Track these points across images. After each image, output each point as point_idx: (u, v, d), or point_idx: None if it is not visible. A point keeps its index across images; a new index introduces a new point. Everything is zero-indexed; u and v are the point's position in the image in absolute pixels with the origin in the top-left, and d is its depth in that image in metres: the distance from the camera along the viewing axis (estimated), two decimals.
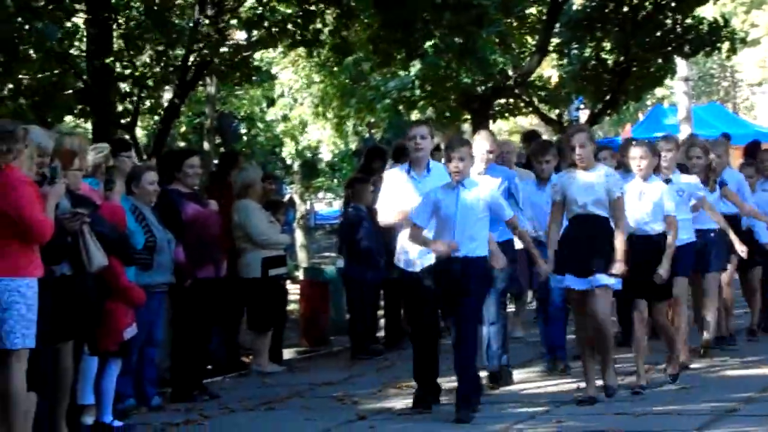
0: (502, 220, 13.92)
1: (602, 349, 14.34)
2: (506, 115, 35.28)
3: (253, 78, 26.95)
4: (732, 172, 18.27)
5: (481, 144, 15.88)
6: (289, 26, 23.71)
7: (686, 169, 16.86)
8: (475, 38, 23.82)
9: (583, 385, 14.60)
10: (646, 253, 14.61)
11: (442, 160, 14.12)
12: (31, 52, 20.53)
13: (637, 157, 14.98)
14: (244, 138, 51.25)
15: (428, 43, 24.47)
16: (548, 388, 15.81)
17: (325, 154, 48.48)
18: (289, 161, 53.21)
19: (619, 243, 13.98)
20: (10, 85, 21.62)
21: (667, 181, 15.56)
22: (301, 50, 29.88)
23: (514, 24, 31.79)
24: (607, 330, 14.23)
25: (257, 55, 26.12)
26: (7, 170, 11.51)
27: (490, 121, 32.21)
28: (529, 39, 32.66)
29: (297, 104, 43.54)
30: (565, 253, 14.18)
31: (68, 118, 27.95)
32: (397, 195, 14.50)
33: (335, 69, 34.79)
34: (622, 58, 31.99)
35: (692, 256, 16.34)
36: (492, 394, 15.34)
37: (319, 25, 23.93)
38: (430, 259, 13.99)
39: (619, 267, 13.92)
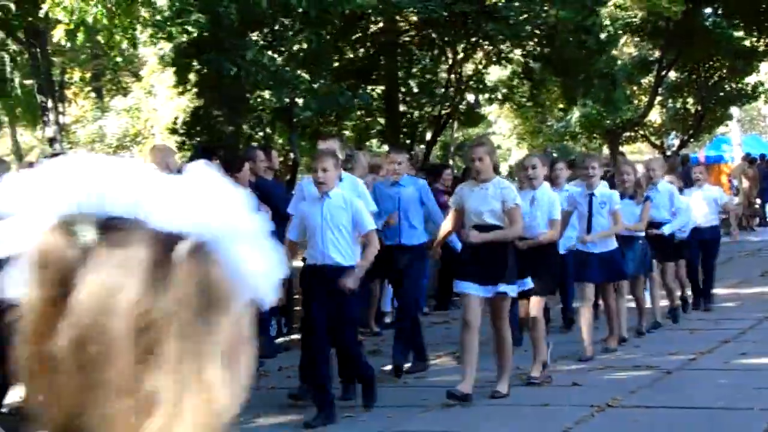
0: (360, 232, 9.10)
1: (501, 353, 9.67)
2: (629, 142, 35.22)
3: (480, 123, 27.11)
4: (664, 184, 13.43)
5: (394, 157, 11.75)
6: (504, 91, 23.82)
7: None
8: (611, 94, 23.55)
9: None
10: (532, 254, 10.04)
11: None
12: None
13: (529, 167, 10.64)
14: None
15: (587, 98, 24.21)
16: None
17: None
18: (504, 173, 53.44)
19: (502, 232, 9.38)
20: (336, 129, 22.01)
21: (592, 194, 11.67)
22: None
23: (635, 88, 31.55)
24: (507, 334, 9.59)
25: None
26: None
27: (620, 147, 32.16)
28: (643, 97, 32.28)
29: (505, 137, 43.32)
30: (466, 261, 9.61)
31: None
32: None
33: (529, 115, 34.83)
34: (699, 108, 31.70)
35: (611, 263, 11.65)
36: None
37: (520, 90, 24.02)
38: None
39: (474, 235, 9.37)
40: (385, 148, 23.97)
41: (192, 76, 16.77)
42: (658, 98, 32.11)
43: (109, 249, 1.21)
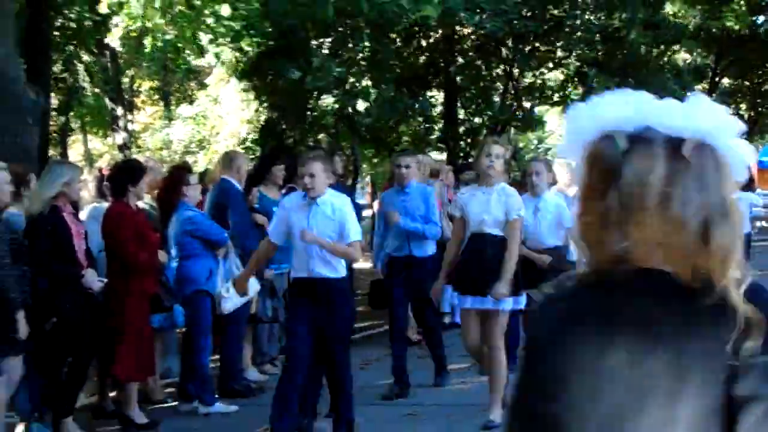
0: (344, 242, 7.95)
1: (492, 374, 8.54)
2: None
3: (537, 128, 26.91)
4: None
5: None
6: (555, 97, 23.67)
7: None
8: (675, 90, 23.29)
9: None
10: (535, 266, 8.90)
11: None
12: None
13: (533, 173, 9.37)
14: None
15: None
16: None
17: None
18: None
19: (507, 265, 8.23)
20: (395, 135, 21.97)
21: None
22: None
23: (688, 95, 31.32)
24: (499, 354, 8.43)
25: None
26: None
27: None
28: None
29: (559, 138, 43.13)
30: (461, 272, 8.51)
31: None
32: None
33: None
34: (752, 113, 31.47)
35: None
36: None
37: (574, 93, 23.78)
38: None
39: (500, 288, 8.20)
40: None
41: (261, 85, 16.95)
42: None
43: (638, 149, 2.00)
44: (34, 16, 15.12)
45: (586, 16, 20.19)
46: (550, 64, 21.98)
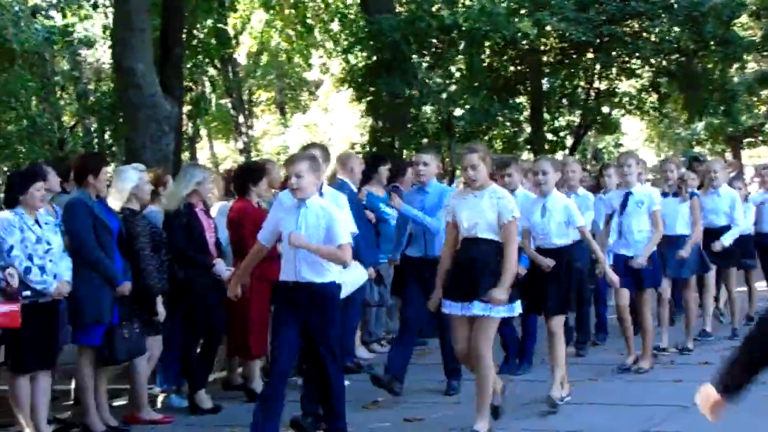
0: (334, 244, 6.80)
1: (478, 387, 7.20)
2: (750, 147, 34.46)
3: (615, 131, 26.47)
4: (727, 188, 11.10)
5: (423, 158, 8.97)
6: (633, 102, 23.23)
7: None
8: (731, 107, 22.60)
9: None
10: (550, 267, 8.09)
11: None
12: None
13: (539, 172, 8.23)
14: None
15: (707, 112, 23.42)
16: None
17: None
18: None
19: (506, 271, 6.96)
20: (488, 138, 21.81)
21: (629, 193, 9.31)
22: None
23: (755, 99, 30.80)
24: (485, 365, 7.08)
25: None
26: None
27: (741, 151, 31.56)
28: (762, 107, 31.45)
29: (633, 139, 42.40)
30: (452, 277, 7.25)
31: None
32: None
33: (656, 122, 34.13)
34: None
35: (658, 266, 9.46)
36: None
37: (649, 102, 23.30)
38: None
39: (497, 294, 6.90)
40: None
41: (364, 95, 17.06)
42: None
43: None
44: (168, 36, 15.35)
45: (664, 28, 19.83)
46: (626, 73, 21.70)
